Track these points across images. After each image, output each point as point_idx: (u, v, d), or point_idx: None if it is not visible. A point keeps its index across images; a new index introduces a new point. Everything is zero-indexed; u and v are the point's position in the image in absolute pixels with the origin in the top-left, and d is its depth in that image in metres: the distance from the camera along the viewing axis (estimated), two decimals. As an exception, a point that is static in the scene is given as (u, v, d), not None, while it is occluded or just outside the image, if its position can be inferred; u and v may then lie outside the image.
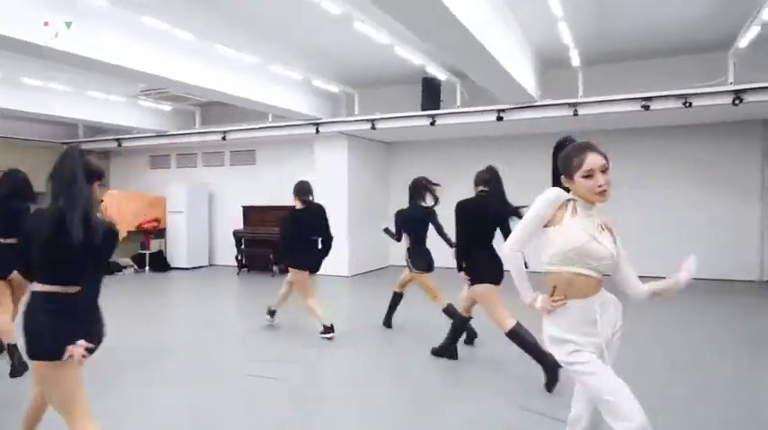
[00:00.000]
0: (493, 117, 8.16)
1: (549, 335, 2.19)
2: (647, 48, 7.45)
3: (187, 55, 6.64)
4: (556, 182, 2.24)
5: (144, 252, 11.12)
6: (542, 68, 8.12)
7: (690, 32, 6.84)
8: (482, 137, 10.15)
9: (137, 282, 9.80)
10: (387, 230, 5.80)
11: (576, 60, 7.02)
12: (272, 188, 10.99)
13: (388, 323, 6.01)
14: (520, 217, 4.03)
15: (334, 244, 5.62)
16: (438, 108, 8.65)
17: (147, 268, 10.99)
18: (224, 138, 10.43)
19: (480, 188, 4.35)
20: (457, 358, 4.73)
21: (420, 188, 5.47)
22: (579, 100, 7.66)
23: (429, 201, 5.50)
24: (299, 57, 7.66)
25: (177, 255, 11.23)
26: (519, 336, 4.00)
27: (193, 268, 11.21)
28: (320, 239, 5.60)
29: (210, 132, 10.65)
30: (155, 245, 11.35)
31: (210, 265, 11.74)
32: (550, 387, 3.82)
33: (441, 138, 10.58)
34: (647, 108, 7.32)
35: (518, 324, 4.04)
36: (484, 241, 4.21)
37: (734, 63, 6.85)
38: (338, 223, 9.97)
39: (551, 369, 3.79)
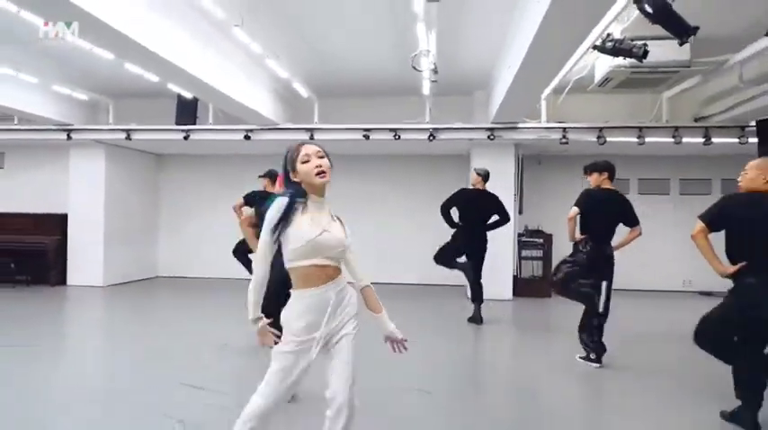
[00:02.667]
0: (241, 136, 8.93)
1: (284, 316, 2.40)
2: (366, 87, 8.86)
3: None
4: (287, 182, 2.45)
5: None
6: (291, 98, 9.11)
7: (390, 79, 8.31)
8: (257, 155, 10.66)
9: None
10: None
11: (304, 92, 8.13)
12: (24, 194, 10.45)
13: None
14: None
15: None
16: (194, 123, 9.16)
17: None
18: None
19: None
20: None
21: None
22: (314, 126, 8.83)
23: None
24: (43, 62, 7.59)
25: None
26: None
27: None
28: None
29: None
30: None
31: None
32: None
33: (214, 154, 11.03)
34: (367, 137, 8.73)
35: None
36: None
37: (429, 107, 8.58)
38: (93, 231, 9.89)
39: None
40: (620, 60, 5.99)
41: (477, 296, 7.03)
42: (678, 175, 10.34)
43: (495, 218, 7.04)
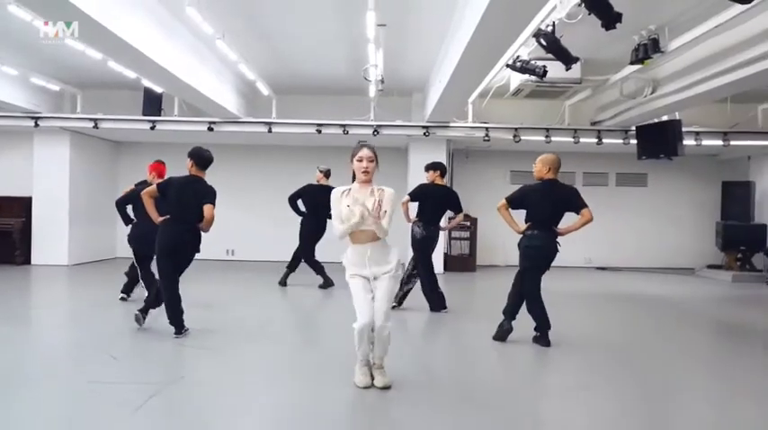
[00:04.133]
0: (205, 127, 9.88)
1: (344, 263, 3.63)
2: (320, 87, 10.06)
3: None
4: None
5: None
6: (251, 94, 10.14)
7: (341, 81, 9.56)
8: (217, 144, 11.45)
9: None
10: None
11: (265, 90, 9.23)
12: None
13: None
14: None
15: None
16: (159, 115, 10.00)
17: None
18: None
19: None
20: None
21: None
22: (273, 120, 9.94)
23: None
24: (14, 52, 8.19)
25: None
26: None
27: None
28: None
29: None
30: None
31: None
32: None
33: (176, 142, 11.75)
34: (319, 132, 9.94)
35: None
36: None
37: (374, 106, 9.89)
38: (59, 213, 10.52)
39: None
40: (527, 76, 7.54)
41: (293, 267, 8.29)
42: (582, 169, 12.22)
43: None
